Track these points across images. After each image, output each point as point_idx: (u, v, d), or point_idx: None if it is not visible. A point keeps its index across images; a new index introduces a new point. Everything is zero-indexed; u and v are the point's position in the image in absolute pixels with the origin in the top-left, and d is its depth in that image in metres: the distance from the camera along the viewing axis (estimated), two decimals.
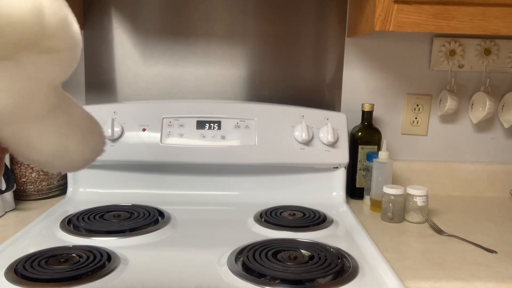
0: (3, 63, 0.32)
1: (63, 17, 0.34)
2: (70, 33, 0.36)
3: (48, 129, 0.37)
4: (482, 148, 1.40)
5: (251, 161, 1.19)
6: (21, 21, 0.31)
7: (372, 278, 0.79)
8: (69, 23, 0.35)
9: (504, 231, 1.07)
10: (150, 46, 1.32)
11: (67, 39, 0.35)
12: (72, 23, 0.36)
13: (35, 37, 0.32)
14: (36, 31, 0.32)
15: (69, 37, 0.36)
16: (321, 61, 1.34)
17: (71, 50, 0.36)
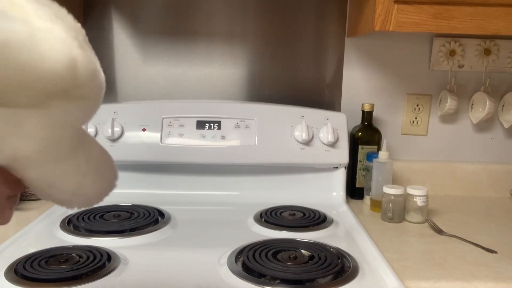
0: (34, 110, 0.34)
1: (93, 68, 0.37)
2: (97, 81, 0.38)
3: (69, 169, 0.39)
4: (482, 148, 1.40)
5: (251, 161, 1.19)
6: (57, 74, 0.33)
7: (372, 278, 0.79)
8: (97, 73, 0.38)
9: (504, 231, 1.07)
10: (150, 46, 1.32)
11: (94, 88, 0.38)
12: (100, 72, 0.38)
13: (68, 87, 0.35)
14: (69, 82, 0.35)
15: (97, 86, 0.38)
16: (321, 61, 1.34)
17: (97, 97, 0.39)
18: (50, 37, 0.34)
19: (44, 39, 0.33)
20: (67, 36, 0.35)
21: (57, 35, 0.34)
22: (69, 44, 0.35)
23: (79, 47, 0.36)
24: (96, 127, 1.18)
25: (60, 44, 0.34)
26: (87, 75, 0.36)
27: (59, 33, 0.34)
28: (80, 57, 0.35)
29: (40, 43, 0.33)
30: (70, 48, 0.35)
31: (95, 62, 0.38)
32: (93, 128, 1.17)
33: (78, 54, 0.35)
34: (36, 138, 0.35)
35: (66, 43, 0.34)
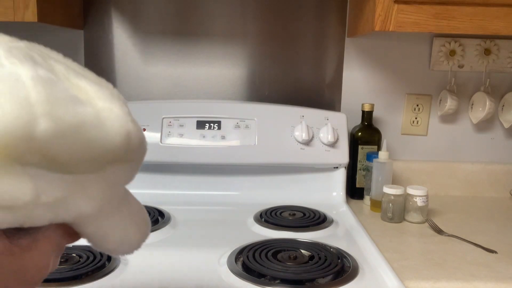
0: (91, 175, 0.39)
1: (142, 137, 0.43)
2: (144, 147, 0.45)
3: (116, 222, 0.45)
4: (482, 148, 1.40)
5: (251, 161, 1.19)
6: (116, 146, 0.39)
7: (372, 278, 0.79)
8: (144, 140, 0.44)
9: (504, 231, 1.07)
10: (150, 46, 1.32)
11: (141, 152, 0.44)
12: (145, 139, 0.44)
13: (122, 155, 0.41)
14: (124, 151, 0.40)
15: (143, 150, 0.45)
16: (321, 61, 1.34)
17: (142, 159, 0.45)
18: (111, 116, 0.39)
19: (107, 118, 0.39)
20: (123, 113, 0.41)
21: (116, 113, 0.40)
22: (125, 120, 0.41)
23: (131, 121, 0.42)
24: None
25: (118, 121, 0.40)
26: (137, 144, 0.42)
27: (117, 111, 0.40)
28: (133, 130, 0.41)
29: (104, 122, 0.38)
30: (126, 123, 0.41)
31: (142, 131, 0.44)
32: None
33: (131, 127, 0.41)
34: (96, 198, 0.40)
35: (123, 119, 0.40)
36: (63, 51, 0.44)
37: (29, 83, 0.35)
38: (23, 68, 0.36)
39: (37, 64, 0.37)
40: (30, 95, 0.34)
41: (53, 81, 0.37)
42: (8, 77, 0.35)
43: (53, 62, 0.40)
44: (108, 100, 0.40)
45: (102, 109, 0.39)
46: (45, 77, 0.36)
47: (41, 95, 0.35)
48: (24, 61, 0.37)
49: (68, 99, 0.37)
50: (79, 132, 0.36)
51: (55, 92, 0.36)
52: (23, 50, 0.38)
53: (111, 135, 0.39)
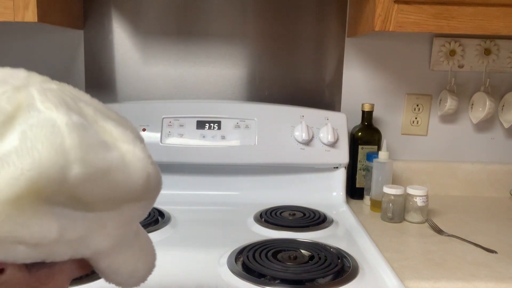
0: (113, 213, 0.41)
1: (159, 177, 0.46)
2: (160, 187, 0.46)
3: (128, 257, 0.47)
4: (482, 148, 1.40)
5: (251, 161, 1.19)
6: (137, 187, 0.42)
7: (372, 278, 0.79)
8: (161, 180, 0.46)
9: (504, 231, 1.07)
10: (150, 46, 1.32)
11: (157, 191, 0.46)
12: (161, 179, 0.46)
13: (141, 195, 0.43)
14: (143, 192, 0.43)
15: (159, 190, 0.47)
16: (321, 61, 1.34)
17: (156, 197, 0.47)
18: (134, 159, 0.42)
19: (130, 161, 0.41)
20: (144, 156, 0.43)
21: (138, 156, 0.42)
22: (146, 162, 0.43)
23: (151, 163, 0.44)
24: None
25: (140, 163, 0.42)
26: (155, 184, 0.45)
27: (139, 154, 0.42)
28: (152, 172, 0.44)
29: (128, 165, 0.41)
30: (147, 165, 0.43)
31: (159, 171, 0.46)
32: None
33: (151, 170, 0.43)
34: (113, 235, 0.42)
35: (145, 162, 0.43)
36: (63, 51, 0.45)
37: (64, 129, 0.37)
38: (58, 113, 0.38)
39: (70, 108, 0.39)
40: (65, 141, 0.37)
41: (85, 126, 0.39)
42: (45, 123, 0.37)
43: (83, 104, 0.42)
44: (131, 142, 0.43)
45: (126, 152, 0.41)
46: (78, 122, 0.38)
47: (75, 141, 0.37)
48: (59, 105, 0.39)
49: (98, 145, 0.39)
50: (106, 176, 0.39)
51: (86, 138, 0.38)
52: (56, 93, 0.40)
53: (134, 177, 0.41)
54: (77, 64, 1.32)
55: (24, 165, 0.35)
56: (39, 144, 0.36)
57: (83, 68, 1.32)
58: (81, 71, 1.32)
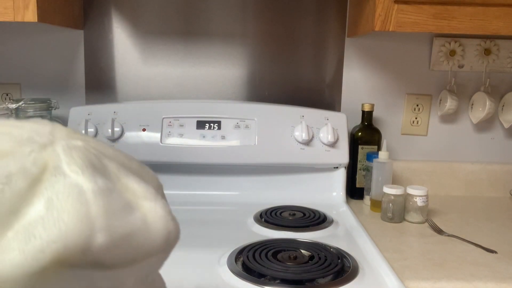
0: (129, 269, 0.41)
1: (178, 233, 0.46)
2: (178, 240, 0.47)
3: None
4: (482, 148, 1.40)
5: (251, 161, 1.19)
6: (157, 245, 0.42)
7: (372, 278, 0.79)
8: (179, 234, 0.47)
9: (504, 231, 1.07)
10: (150, 46, 1.32)
11: (174, 245, 0.46)
12: (179, 232, 0.47)
13: (160, 251, 0.43)
14: (163, 248, 0.43)
15: (176, 243, 0.47)
16: (321, 61, 1.34)
17: (172, 249, 0.47)
18: (156, 218, 0.42)
19: (152, 221, 0.41)
20: (165, 213, 0.43)
21: (160, 214, 0.42)
22: (167, 220, 0.43)
23: (172, 219, 0.44)
24: (96, 127, 1.18)
25: (162, 222, 0.42)
26: (174, 239, 0.45)
27: (160, 212, 0.42)
28: (173, 228, 0.44)
29: (150, 225, 0.41)
30: (168, 223, 0.43)
31: (178, 225, 0.46)
32: (93, 128, 1.17)
33: (171, 227, 0.44)
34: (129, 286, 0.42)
35: (165, 220, 0.43)
36: (63, 51, 0.45)
37: (90, 196, 0.37)
38: (84, 178, 0.38)
39: (95, 169, 0.39)
40: (91, 210, 0.37)
41: (110, 189, 0.39)
42: (71, 190, 0.37)
43: (107, 161, 0.42)
44: (153, 199, 0.43)
45: (148, 211, 0.41)
46: (103, 187, 0.38)
47: (100, 209, 0.37)
48: (85, 168, 0.38)
49: (122, 209, 0.39)
50: (129, 239, 0.39)
51: (111, 203, 0.38)
52: (81, 152, 0.40)
53: (155, 236, 0.41)
54: (77, 64, 1.32)
55: (51, 237, 0.35)
56: (65, 214, 0.36)
57: (83, 68, 1.32)
58: (81, 71, 1.32)
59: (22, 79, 1.32)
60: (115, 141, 1.18)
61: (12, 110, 1.16)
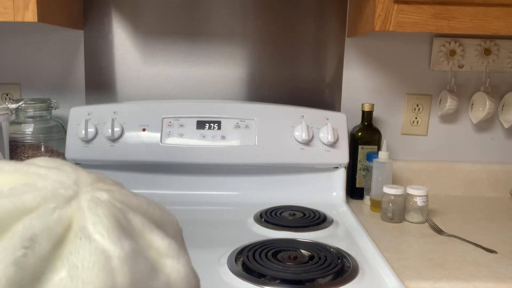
0: None
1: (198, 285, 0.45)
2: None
3: None
4: (482, 148, 1.40)
5: (251, 161, 1.19)
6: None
7: (372, 278, 0.79)
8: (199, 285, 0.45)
9: (504, 231, 1.07)
10: (150, 46, 1.32)
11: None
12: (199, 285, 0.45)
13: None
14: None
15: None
16: (321, 61, 1.34)
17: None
18: (178, 279, 0.40)
19: (175, 282, 0.40)
20: (188, 272, 0.42)
21: (182, 274, 0.41)
22: (189, 279, 0.42)
23: (194, 277, 0.43)
24: (96, 127, 1.18)
25: (184, 282, 0.41)
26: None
27: (183, 272, 0.41)
28: (194, 284, 0.42)
29: (173, 286, 0.40)
30: (190, 282, 0.42)
31: (199, 280, 0.45)
32: (93, 128, 1.17)
33: (193, 284, 0.42)
34: None
35: (188, 279, 0.41)
36: (63, 51, 0.44)
37: (116, 264, 0.35)
38: (110, 243, 0.36)
39: (121, 231, 0.38)
40: (117, 280, 0.35)
41: (135, 253, 0.37)
42: (97, 258, 0.35)
43: (132, 215, 0.40)
44: (175, 256, 0.41)
45: (171, 272, 0.40)
46: (129, 252, 0.37)
47: (126, 279, 0.36)
48: (111, 230, 0.37)
49: (147, 275, 0.38)
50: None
51: (137, 269, 0.37)
52: (107, 207, 0.38)
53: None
54: (77, 64, 1.32)
55: None
56: (91, 285, 0.34)
57: (83, 68, 1.32)
58: (81, 71, 1.32)
59: (22, 79, 1.32)
60: (115, 141, 1.18)
61: (12, 110, 1.16)
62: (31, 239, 0.34)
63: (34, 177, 0.39)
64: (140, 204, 0.43)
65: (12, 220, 0.34)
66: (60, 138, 1.22)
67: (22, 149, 1.17)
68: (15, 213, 0.35)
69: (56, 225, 0.35)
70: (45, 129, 1.21)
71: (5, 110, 1.13)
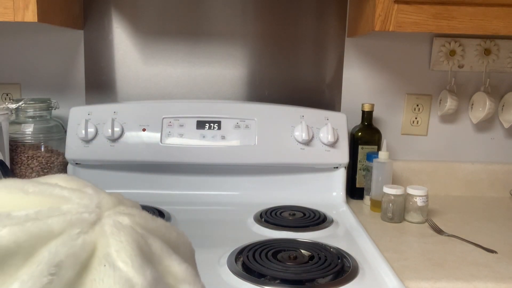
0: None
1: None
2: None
3: None
4: (482, 148, 1.40)
5: (251, 161, 1.19)
6: None
7: (372, 278, 0.79)
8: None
9: (504, 231, 1.07)
10: (150, 46, 1.32)
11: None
12: None
13: None
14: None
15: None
16: (321, 61, 1.34)
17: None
18: None
19: None
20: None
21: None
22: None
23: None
24: (96, 127, 1.18)
25: None
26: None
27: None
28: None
29: None
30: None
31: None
32: (93, 128, 1.17)
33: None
34: None
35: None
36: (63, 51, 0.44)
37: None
38: (134, 271, 0.36)
39: (143, 258, 0.38)
40: None
41: (158, 281, 0.38)
42: (122, 285, 0.35)
43: (151, 240, 0.41)
44: (192, 282, 0.41)
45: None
46: (151, 280, 0.37)
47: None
48: (134, 259, 0.37)
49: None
50: None
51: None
52: (129, 233, 0.39)
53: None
54: (77, 64, 1.32)
55: None
56: None
57: (83, 68, 1.32)
58: (81, 71, 1.32)
59: (22, 79, 1.32)
60: (115, 141, 1.18)
61: (12, 110, 1.16)
62: (57, 265, 0.33)
63: (58, 199, 0.39)
64: (158, 228, 0.43)
65: (37, 245, 0.34)
66: (60, 138, 1.22)
67: (22, 149, 1.17)
68: (41, 238, 0.35)
69: (80, 251, 0.35)
70: (45, 129, 1.21)
71: (5, 110, 1.13)
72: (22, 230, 0.34)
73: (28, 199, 0.38)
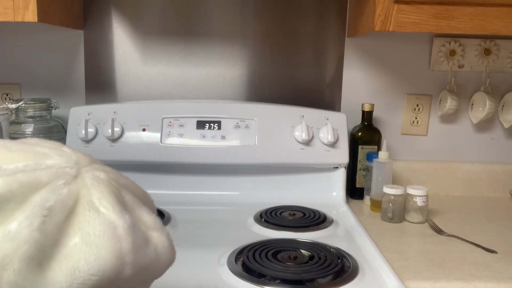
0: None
1: (174, 259, 0.50)
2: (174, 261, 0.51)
3: None
4: (482, 148, 1.40)
5: (251, 161, 1.19)
6: (163, 271, 0.48)
7: (372, 278, 0.79)
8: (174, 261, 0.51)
9: (504, 231, 1.07)
10: (150, 46, 1.32)
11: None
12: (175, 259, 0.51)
13: (161, 275, 0.48)
14: (164, 273, 0.48)
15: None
16: (321, 61, 1.34)
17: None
18: (163, 248, 0.46)
19: (161, 252, 0.46)
20: (169, 242, 0.48)
21: (166, 244, 0.47)
22: (171, 249, 0.48)
23: (172, 248, 0.48)
24: (96, 127, 1.18)
25: (168, 251, 0.47)
26: (173, 263, 0.49)
27: (166, 242, 0.47)
28: (174, 257, 0.49)
29: (160, 255, 0.46)
30: (171, 252, 0.48)
31: (175, 252, 0.50)
32: (93, 128, 1.17)
33: (173, 255, 0.48)
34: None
35: (170, 248, 0.48)
36: (63, 51, 0.45)
37: (121, 233, 0.41)
38: (115, 215, 0.42)
39: (121, 204, 0.44)
40: (123, 247, 0.41)
41: (134, 225, 0.43)
42: (106, 228, 0.41)
43: (124, 192, 0.47)
44: (159, 229, 0.47)
45: (158, 243, 0.46)
46: (130, 224, 0.43)
47: (130, 246, 0.42)
48: (114, 205, 0.42)
49: (143, 243, 0.44)
50: (145, 270, 0.44)
51: (136, 238, 0.43)
52: (106, 185, 0.44)
53: (162, 266, 0.47)
54: (77, 64, 1.32)
55: (91, 271, 0.39)
56: (103, 250, 0.39)
57: (83, 68, 1.32)
58: (81, 71, 1.32)
59: (22, 79, 1.32)
60: (115, 141, 1.18)
61: (12, 110, 1.16)
62: (49, 209, 0.39)
63: (40, 156, 0.43)
64: (128, 183, 0.50)
65: (29, 193, 0.39)
66: (60, 138, 1.22)
67: None
68: (31, 187, 0.40)
69: (67, 198, 0.41)
70: (45, 129, 1.21)
71: (5, 110, 1.13)
72: (14, 180, 0.39)
73: (13, 155, 0.42)
